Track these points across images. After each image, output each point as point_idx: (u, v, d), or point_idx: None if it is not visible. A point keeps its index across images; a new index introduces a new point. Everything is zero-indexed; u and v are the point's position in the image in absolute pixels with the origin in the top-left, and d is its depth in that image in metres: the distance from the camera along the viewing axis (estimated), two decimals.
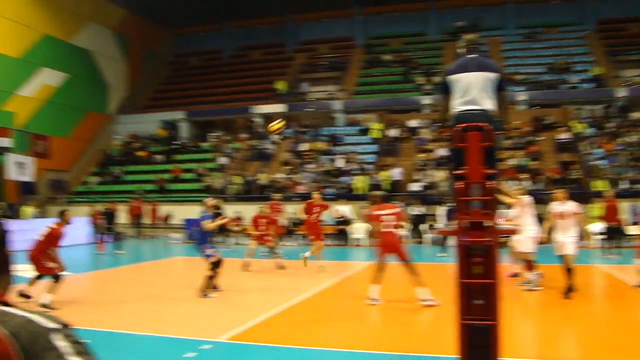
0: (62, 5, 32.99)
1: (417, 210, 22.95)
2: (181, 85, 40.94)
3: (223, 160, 31.64)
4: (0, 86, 28.93)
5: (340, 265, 16.30)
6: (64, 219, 10.69)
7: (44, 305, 9.88)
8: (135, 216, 26.07)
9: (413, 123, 30.64)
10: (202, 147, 34.35)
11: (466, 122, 5.26)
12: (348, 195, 25.65)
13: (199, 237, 11.34)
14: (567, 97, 31.04)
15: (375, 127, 30.87)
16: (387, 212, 9.72)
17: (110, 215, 20.33)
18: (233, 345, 7.32)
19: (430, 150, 28.18)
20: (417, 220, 22.32)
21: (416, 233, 22.14)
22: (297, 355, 6.95)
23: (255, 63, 41.44)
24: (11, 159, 25.85)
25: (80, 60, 34.71)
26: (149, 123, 36.69)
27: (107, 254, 19.51)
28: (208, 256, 10.92)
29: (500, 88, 5.52)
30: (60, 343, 1.44)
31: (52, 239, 10.37)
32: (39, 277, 10.54)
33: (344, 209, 22.98)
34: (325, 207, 14.71)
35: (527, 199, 11.12)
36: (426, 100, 32.10)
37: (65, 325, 1.51)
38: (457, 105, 5.50)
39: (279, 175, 28.09)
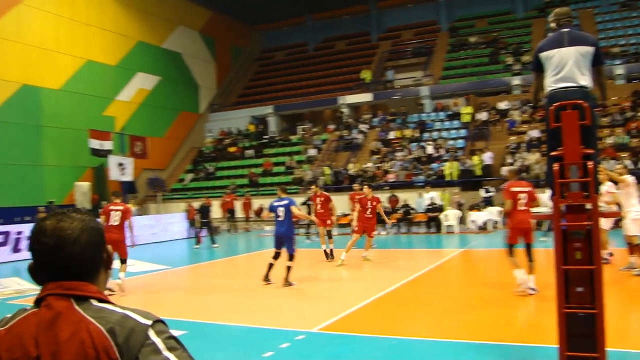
0: (153, 12, 34.48)
1: None
2: (268, 81, 41.61)
3: (312, 152, 31.88)
4: (102, 93, 30.80)
5: (432, 254, 16.06)
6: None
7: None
8: (229, 211, 26.69)
9: (503, 105, 29.68)
10: (291, 140, 34.77)
11: (561, 100, 4.98)
12: (438, 182, 25.20)
13: (287, 228, 11.31)
14: None
15: (464, 112, 30.13)
16: (523, 190, 9.15)
17: (204, 210, 20.88)
18: (325, 335, 7.34)
19: (522, 132, 27.22)
20: None
21: None
22: (390, 344, 6.87)
23: (340, 54, 41.53)
24: (113, 160, 27.11)
25: (172, 62, 36.18)
26: (239, 119, 37.58)
27: (203, 248, 20.10)
28: (293, 249, 11.11)
29: (596, 62, 5.19)
30: (155, 338, 1.51)
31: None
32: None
33: (434, 195, 22.61)
34: (378, 201, 14.47)
35: (630, 178, 10.48)
36: (516, 80, 31.02)
37: (158, 321, 1.56)
38: (551, 83, 5.21)
39: (368, 165, 27.97)
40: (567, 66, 5.11)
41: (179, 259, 15.77)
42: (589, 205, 4.88)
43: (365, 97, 34.65)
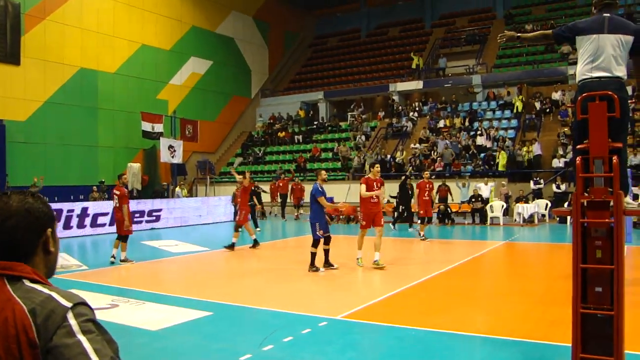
0: None
1: (561, 187, 21.78)
2: (320, 67, 41.61)
3: (361, 138, 31.73)
4: (156, 77, 31.53)
5: (472, 245, 15.80)
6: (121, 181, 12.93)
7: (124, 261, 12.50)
8: (281, 195, 26.67)
9: (557, 95, 28.80)
10: (341, 127, 34.70)
11: (594, 91, 4.76)
12: (487, 172, 24.73)
13: (310, 214, 11.46)
14: None
15: (517, 101, 29.39)
16: None
17: (251, 194, 21.08)
18: (348, 322, 7.34)
19: None
20: (560, 197, 21.07)
21: None
22: (407, 335, 6.81)
23: (393, 40, 41.09)
24: (164, 143, 27.63)
25: (224, 47, 36.57)
26: (290, 104, 37.75)
27: (245, 232, 20.27)
28: (318, 235, 11.13)
29: (635, 53, 4.92)
30: (72, 321, 1.52)
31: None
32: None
33: (482, 186, 22.21)
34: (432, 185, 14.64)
35: None
36: (572, 70, 29.99)
37: (80, 304, 1.59)
38: (585, 71, 4.98)
39: (417, 153, 27.64)
40: (604, 54, 4.87)
41: (220, 242, 15.94)
42: (612, 202, 4.67)
43: (416, 84, 34.22)
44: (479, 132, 27.68)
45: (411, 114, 32.30)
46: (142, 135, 27.52)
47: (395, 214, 20.60)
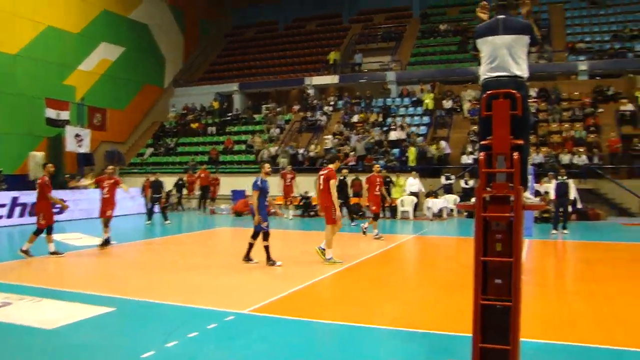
0: None
1: (469, 183, 22.55)
2: (236, 58, 41.11)
3: (275, 131, 31.62)
4: (63, 61, 30.02)
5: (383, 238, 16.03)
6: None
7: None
8: (202, 188, 25.73)
9: (468, 94, 29.72)
10: (255, 119, 34.42)
11: (495, 89, 4.89)
12: (399, 167, 25.24)
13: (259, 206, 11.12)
14: (632, 66, 29.36)
15: (426, 98, 30.16)
16: None
17: (157, 186, 20.60)
18: (256, 317, 7.24)
19: None
20: (468, 193, 21.81)
21: None
22: (316, 328, 6.83)
23: (311, 34, 41.18)
24: (70, 131, 26.51)
25: (138, 34, 35.44)
26: (204, 95, 37.10)
27: (154, 225, 19.83)
28: (263, 228, 10.97)
29: (533, 44, 5.07)
30: None
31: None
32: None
33: (411, 180, 22.51)
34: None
35: None
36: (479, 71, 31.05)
37: None
38: (485, 71, 5.15)
39: (330, 147, 27.85)
40: (501, 55, 5.03)
41: (127, 235, 15.46)
42: (513, 197, 4.80)
43: (332, 79, 34.50)
44: (392, 128, 28.17)
45: (326, 108, 32.49)
46: (46, 123, 26.25)
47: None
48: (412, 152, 25.54)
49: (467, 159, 24.76)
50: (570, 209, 19.38)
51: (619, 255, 13.28)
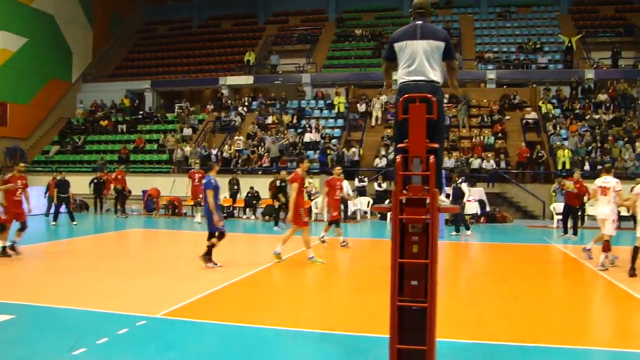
0: None
1: (382, 185, 22.92)
2: (149, 54, 40.11)
3: (188, 131, 31.06)
4: None
5: (293, 240, 15.99)
6: None
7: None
8: (116, 190, 23.87)
9: (382, 98, 30.27)
10: (167, 118, 33.66)
11: (411, 93, 4.95)
12: (313, 169, 25.33)
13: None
14: (536, 76, 30.92)
15: (338, 102, 30.51)
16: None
17: (63, 185, 19.75)
18: (168, 321, 7.04)
19: None
20: (381, 195, 22.18)
21: None
22: (230, 332, 6.72)
23: (226, 33, 40.71)
24: None
25: (42, 24, 33.67)
26: (114, 92, 35.93)
27: (60, 225, 19.03)
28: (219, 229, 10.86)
29: (447, 56, 5.21)
30: None
31: None
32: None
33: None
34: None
35: None
36: (396, 75, 31.70)
37: None
38: (403, 75, 5.23)
39: (243, 148, 27.65)
40: (417, 59, 5.11)
41: (29, 236, 14.65)
42: (428, 199, 4.87)
43: (247, 79, 34.30)
44: (307, 130, 28.28)
45: (240, 108, 32.23)
46: None
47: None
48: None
49: (379, 162, 25.19)
50: (478, 211, 20.27)
51: (524, 255, 13.91)
